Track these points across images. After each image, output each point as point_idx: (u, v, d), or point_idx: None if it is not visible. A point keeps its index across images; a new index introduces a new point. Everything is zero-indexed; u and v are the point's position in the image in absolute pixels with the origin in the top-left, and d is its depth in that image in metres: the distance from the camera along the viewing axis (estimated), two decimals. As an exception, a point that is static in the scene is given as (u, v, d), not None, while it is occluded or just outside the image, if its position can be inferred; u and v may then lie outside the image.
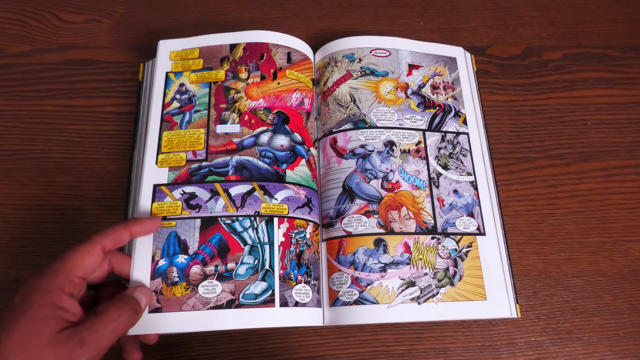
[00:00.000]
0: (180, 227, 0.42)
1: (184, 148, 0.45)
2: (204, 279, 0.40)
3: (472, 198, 0.47)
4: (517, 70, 0.57)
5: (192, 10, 0.59)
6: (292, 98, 0.49)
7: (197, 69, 0.49)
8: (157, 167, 0.45)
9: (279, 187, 0.44)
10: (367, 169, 0.47)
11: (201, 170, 0.44)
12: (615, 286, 0.48)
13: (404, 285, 0.43)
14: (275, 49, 0.50)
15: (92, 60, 0.55)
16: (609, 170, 0.52)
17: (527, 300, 0.47)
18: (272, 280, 0.41)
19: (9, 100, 0.53)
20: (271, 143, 0.46)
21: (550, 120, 0.54)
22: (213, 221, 0.42)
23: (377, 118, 0.49)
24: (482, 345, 0.45)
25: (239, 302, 0.39)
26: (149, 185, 0.44)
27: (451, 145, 0.49)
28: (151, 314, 0.39)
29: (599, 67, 0.57)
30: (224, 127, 0.46)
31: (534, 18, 0.60)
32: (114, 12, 0.58)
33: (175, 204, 0.43)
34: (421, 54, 0.53)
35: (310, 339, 0.45)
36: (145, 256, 0.41)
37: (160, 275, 0.40)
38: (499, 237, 0.46)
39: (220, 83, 0.49)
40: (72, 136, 0.51)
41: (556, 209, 0.50)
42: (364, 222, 0.45)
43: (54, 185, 0.49)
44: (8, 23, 0.57)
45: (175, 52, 0.50)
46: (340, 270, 0.44)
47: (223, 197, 0.43)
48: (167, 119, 0.47)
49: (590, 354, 0.45)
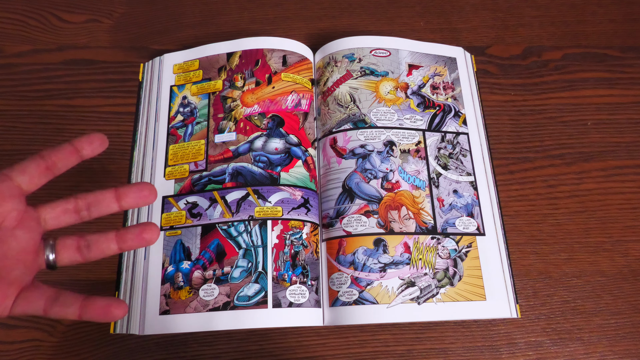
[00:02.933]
0: (185, 235, 0.44)
1: (187, 160, 0.47)
2: (204, 283, 0.42)
3: (472, 198, 0.47)
4: (517, 70, 0.57)
5: (192, 10, 0.59)
6: (287, 100, 0.49)
7: (197, 80, 0.51)
8: (165, 179, 0.47)
9: (273, 190, 0.45)
10: (367, 169, 0.47)
11: (202, 180, 0.46)
12: (615, 286, 0.48)
13: (404, 286, 0.43)
14: (270, 54, 0.50)
15: (92, 60, 0.55)
16: (609, 170, 0.52)
17: (527, 300, 0.47)
18: (265, 282, 0.42)
19: (9, 100, 0.53)
20: (265, 147, 0.47)
21: (550, 120, 0.54)
22: (212, 228, 0.44)
23: (377, 118, 0.49)
24: (482, 345, 0.45)
25: (233, 304, 0.41)
26: (159, 197, 0.46)
27: (451, 146, 0.49)
28: (161, 315, 0.42)
29: (599, 67, 0.57)
30: (221, 136, 0.48)
31: (534, 18, 0.60)
32: (114, 12, 0.58)
33: (180, 213, 0.45)
34: (421, 54, 0.53)
35: (310, 339, 0.45)
36: (157, 263, 0.44)
37: (169, 280, 0.43)
38: (499, 237, 0.46)
39: (218, 93, 0.50)
40: (72, 136, 0.51)
41: (556, 209, 0.50)
42: (363, 222, 0.45)
43: (54, 185, 0.49)
44: (8, 23, 0.57)
45: (178, 65, 0.52)
46: (340, 270, 0.44)
47: (220, 204, 0.45)
48: (172, 133, 0.49)
49: (590, 354, 0.45)
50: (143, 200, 0.34)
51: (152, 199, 0.34)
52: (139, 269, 0.44)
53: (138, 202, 0.34)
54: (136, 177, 0.48)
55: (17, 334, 0.44)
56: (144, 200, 0.34)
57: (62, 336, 0.44)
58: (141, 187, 0.34)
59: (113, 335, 0.44)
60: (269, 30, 0.58)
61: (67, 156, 0.34)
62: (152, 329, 0.41)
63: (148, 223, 0.34)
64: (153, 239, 0.34)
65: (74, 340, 0.44)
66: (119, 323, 0.43)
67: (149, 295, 0.43)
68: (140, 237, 0.34)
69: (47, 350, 0.44)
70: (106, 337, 0.44)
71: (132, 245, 0.34)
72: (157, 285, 0.43)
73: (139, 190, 0.34)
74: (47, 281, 0.45)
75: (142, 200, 0.34)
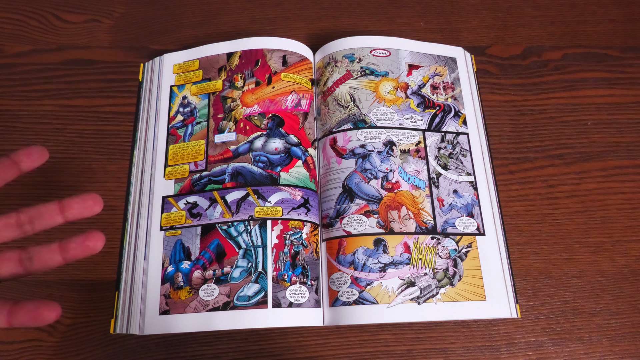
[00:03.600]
0: (185, 235, 0.44)
1: (187, 160, 0.47)
2: (204, 283, 0.42)
3: (471, 198, 0.47)
4: (517, 70, 0.57)
5: (192, 10, 0.59)
6: (287, 100, 0.49)
7: (197, 80, 0.51)
8: (165, 179, 0.47)
9: (273, 190, 0.45)
10: (367, 169, 0.47)
11: (202, 180, 0.46)
12: (615, 286, 0.48)
13: (404, 286, 0.43)
14: (270, 54, 0.50)
15: (92, 60, 0.55)
16: (609, 170, 0.52)
17: (527, 300, 0.47)
18: (265, 282, 0.42)
19: (9, 100, 0.53)
20: (265, 147, 0.47)
21: (550, 120, 0.54)
22: (212, 228, 0.44)
23: (377, 118, 0.49)
24: (482, 345, 0.45)
25: (233, 304, 0.41)
26: (159, 197, 0.46)
27: (451, 146, 0.49)
28: (161, 315, 0.42)
29: (599, 67, 0.57)
30: (221, 136, 0.48)
31: (534, 18, 0.60)
32: (114, 12, 0.58)
33: (180, 213, 0.45)
34: (421, 54, 0.53)
35: (310, 339, 0.45)
36: (156, 263, 0.44)
37: (169, 280, 0.43)
38: (499, 237, 0.46)
39: (218, 93, 0.50)
40: (72, 136, 0.51)
41: (556, 209, 0.50)
42: (363, 222, 0.45)
43: (54, 185, 0.49)
44: (8, 23, 0.57)
45: (178, 65, 0.52)
46: (340, 270, 0.44)
47: (220, 204, 0.45)
48: (172, 133, 0.49)
49: (590, 354, 0.45)
50: (88, 211, 0.34)
51: (97, 209, 0.34)
52: (139, 269, 0.44)
53: (83, 212, 0.34)
54: (136, 177, 0.48)
55: (17, 334, 0.44)
56: (89, 211, 0.34)
57: (62, 336, 0.44)
58: (85, 197, 0.34)
59: (113, 335, 0.44)
60: (269, 30, 0.58)
61: (6, 170, 0.33)
62: (152, 329, 0.41)
63: (92, 231, 0.33)
64: (97, 247, 0.33)
65: (74, 340, 0.44)
66: (119, 323, 0.43)
67: (148, 295, 0.43)
68: (84, 245, 0.33)
69: (47, 350, 0.44)
70: (106, 337, 0.44)
71: (76, 255, 0.33)
72: (157, 285, 0.43)
73: (83, 201, 0.34)
74: (46, 281, 0.45)
75: (87, 211, 0.34)
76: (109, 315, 0.44)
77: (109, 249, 0.46)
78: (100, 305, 0.45)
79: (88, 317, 0.44)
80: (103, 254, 0.45)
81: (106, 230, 0.47)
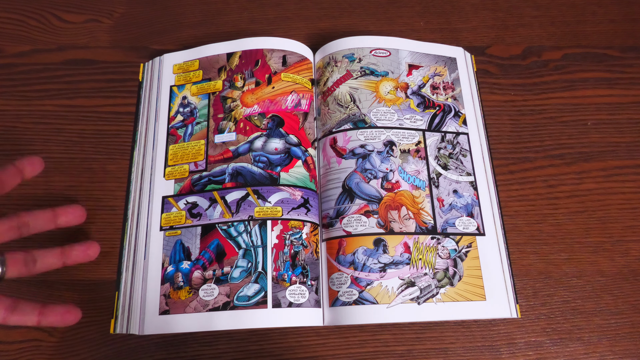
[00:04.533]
0: (185, 235, 0.44)
1: (187, 160, 0.47)
2: (204, 283, 0.42)
3: (471, 198, 0.47)
4: (517, 70, 0.57)
5: (192, 10, 0.59)
6: (287, 100, 0.49)
7: (197, 80, 0.51)
8: (165, 179, 0.47)
9: (273, 190, 0.45)
10: (366, 169, 0.47)
11: (202, 180, 0.46)
12: (615, 286, 0.48)
13: (404, 286, 0.43)
14: (270, 54, 0.50)
15: (92, 60, 0.55)
16: (609, 170, 0.52)
17: (527, 300, 0.47)
18: (265, 282, 0.42)
19: (9, 100, 0.53)
20: (265, 147, 0.47)
21: (550, 120, 0.54)
22: (211, 228, 0.44)
23: (377, 118, 0.49)
24: (482, 345, 0.45)
25: (233, 304, 0.41)
26: (159, 197, 0.46)
27: (451, 146, 0.49)
28: (161, 315, 0.42)
29: (599, 67, 0.57)
30: (221, 136, 0.48)
31: (534, 18, 0.60)
32: (114, 12, 0.58)
33: (180, 213, 0.45)
34: (421, 54, 0.53)
35: (310, 339, 0.45)
36: (156, 263, 0.44)
37: (169, 280, 0.43)
38: (499, 237, 0.46)
39: (218, 93, 0.50)
40: (72, 136, 0.51)
41: (556, 209, 0.50)
42: (363, 222, 0.45)
43: (54, 185, 0.49)
44: (8, 23, 0.57)
45: (178, 65, 0.52)
46: (339, 270, 0.44)
47: (220, 204, 0.45)
48: (172, 133, 0.49)
49: (590, 354, 0.45)
50: (76, 220, 0.42)
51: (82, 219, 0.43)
52: (139, 269, 0.44)
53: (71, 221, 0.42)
54: (136, 177, 0.48)
55: (17, 334, 0.44)
56: (77, 220, 0.42)
57: (62, 336, 0.44)
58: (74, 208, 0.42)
59: (113, 335, 0.44)
60: (269, 30, 0.58)
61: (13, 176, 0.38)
62: (152, 329, 0.42)
63: (91, 242, 0.42)
64: (95, 256, 0.42)
65: (74, 340, 0.44)
66: (119, 323, 0.43)
67: (148, 295, 0.43)
68: (86, 253, 0.41)
69: (47, 350, 0.44)
70: (106, 337, 0.44)
71: (75, 261, 0.41)
72: (156, 285, 0.43)
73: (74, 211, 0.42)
74: (47, 281, 0.45)
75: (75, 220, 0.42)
76: (109, 315, 0.44)
77: (109, 249, 0.46)
78: (100, 305, 0.45)
79: (88, 317, 0.44)
80: (103, 254, 0.45)
81: (106, 230, 0.47)
